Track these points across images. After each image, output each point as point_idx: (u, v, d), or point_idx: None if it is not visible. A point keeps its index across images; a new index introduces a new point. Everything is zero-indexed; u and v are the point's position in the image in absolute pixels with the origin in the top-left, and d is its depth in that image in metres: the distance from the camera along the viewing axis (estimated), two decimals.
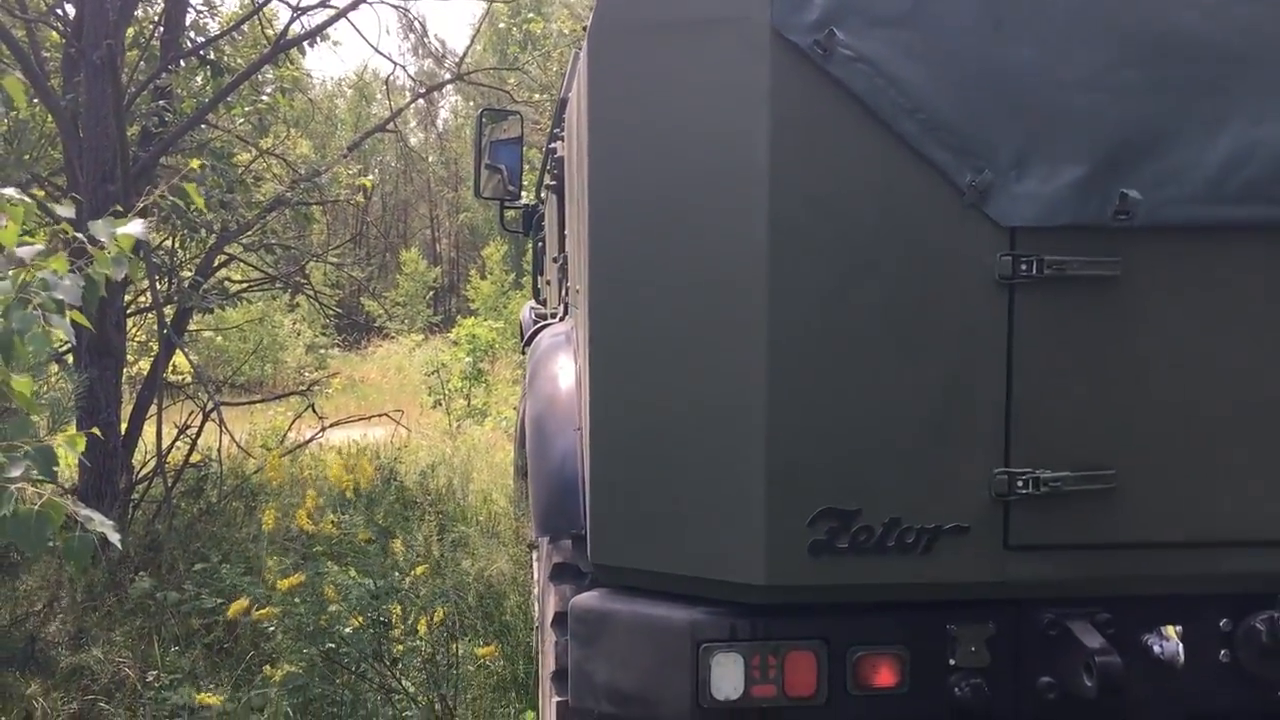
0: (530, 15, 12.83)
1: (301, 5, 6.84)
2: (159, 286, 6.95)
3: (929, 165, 2.36)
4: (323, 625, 4.03)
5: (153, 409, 6.79)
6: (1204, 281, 2.45)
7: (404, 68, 9.67)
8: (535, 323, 4.85)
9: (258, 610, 4.08)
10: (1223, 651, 2.56)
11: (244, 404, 8.00)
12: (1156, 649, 2.51)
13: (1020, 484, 2.42)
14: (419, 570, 5.31)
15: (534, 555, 5.55)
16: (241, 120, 6.83)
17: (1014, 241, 2.39)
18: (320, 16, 7.36)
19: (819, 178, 2.35)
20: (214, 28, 7.63)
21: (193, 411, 7.47)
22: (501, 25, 16.33)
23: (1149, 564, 2.50)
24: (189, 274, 7.45)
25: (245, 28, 8.05)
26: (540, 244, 6.15)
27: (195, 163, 3.99)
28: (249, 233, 7.67)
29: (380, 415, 8.77)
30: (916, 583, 2.45)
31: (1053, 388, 2.42)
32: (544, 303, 5.86)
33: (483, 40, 28.42)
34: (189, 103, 7.30)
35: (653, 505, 2.50)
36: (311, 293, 9.08)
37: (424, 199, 46.15)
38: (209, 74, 7.46)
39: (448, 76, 10.30)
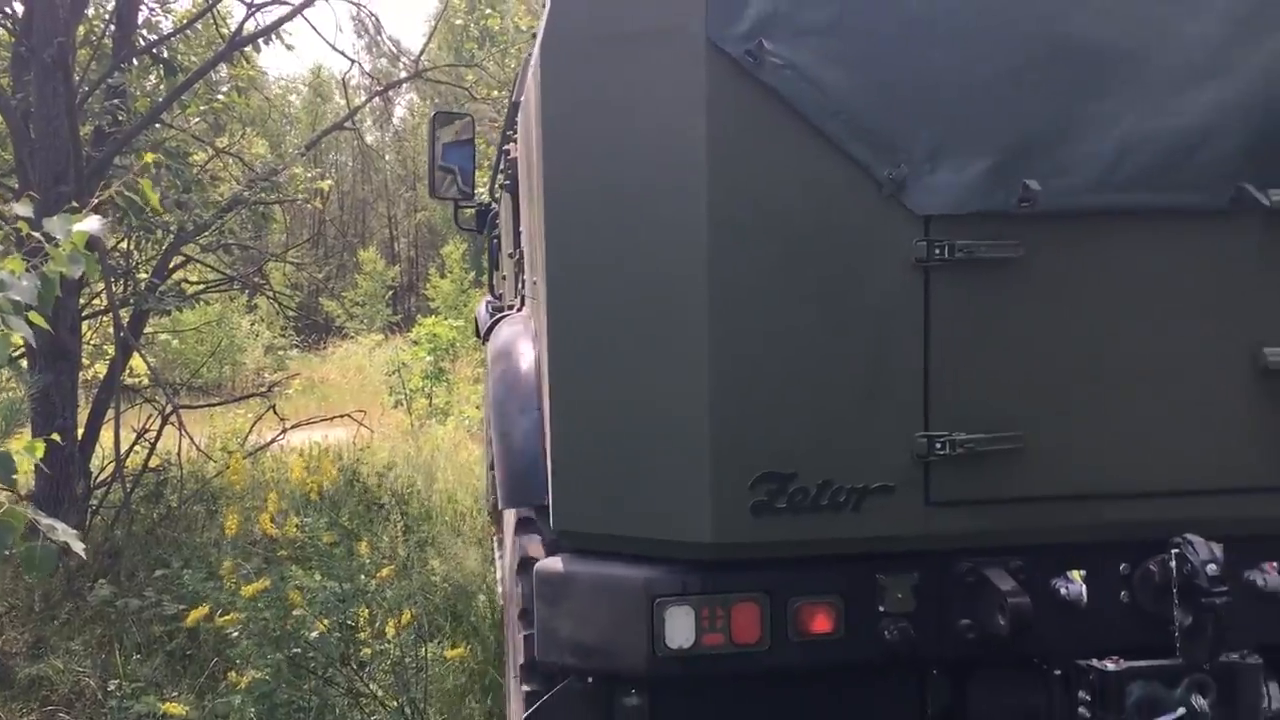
0: (488, 11, 12.75)
1: (256, 2, 6.75)
2: (115, 289, 6.84)
3: (851, 161, 2.59)
4: (288, 630, 3.97)
5: (110, 413, 6.68)
6: (1098, 261, 2.70)
7: (360, 65, 9.50)
8: (491, 317, 5.06)
9: (221, 617, 4.00)
10: (1123, 592, 2.82)
11: (203, 407, 7.89)
12: (1063, 591, 2.76)
13: (938, 446, 2.66)
14: (385, 572, 5.26)
15: (495, 541, 5.89)
16: (196, 119, 6.73)
17: (928, 228, 2.62)
18: (275, 14, 7.27)
19: (753, 174, 2.57)
20: (167, 26, 7.51)
21: (151, 415, 7.36)
22: (459, 22, 16.21)
23: (1055, 515, 2.75)
24: (145, 276, 7.34)
25: (199, 26, 7.94)
26: (495, 241, 6.41)
27: (149, 157, 3.91)
28: (206, 233, 7.57)
29: (342, 416, 8.69)
30: (848, 537, 2.68)
31: (965, 359, 2.67)
32: (500, 297, 6.10)
33: (439, 38, 28.27)
34: (143, 102, 7.19)
35: (609, 475, 2.71)
36: (270, 294, 8.96)
37: (381, 198, 45.85)
38: (162, 73, 7.35)
39: (404, 74, 10.19)
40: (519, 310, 4.20)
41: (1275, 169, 2.71)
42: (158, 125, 7.36)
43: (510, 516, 3.43)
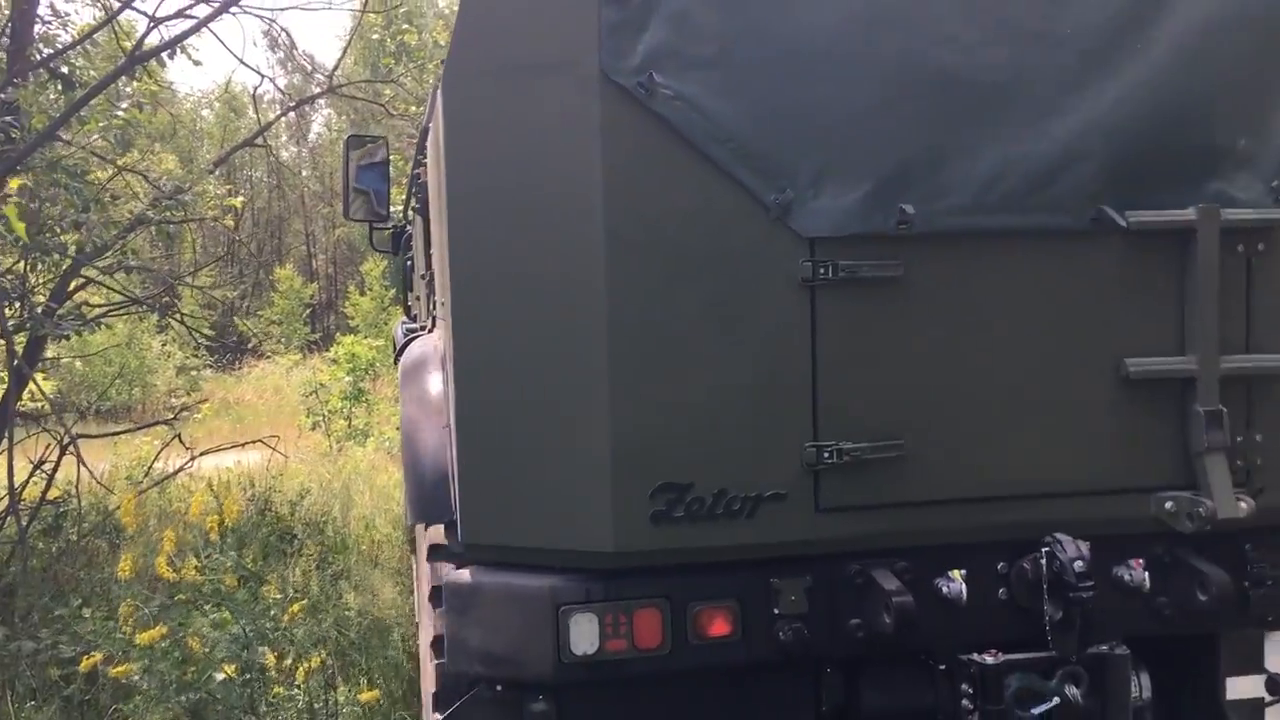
0: (404, 26, 12.54)
1: (158, 15, 6.50)
2: (8, 313, 6.52)
3: (739, 186, 2.73)
4: (187, 680, 3.76)
5: (3, 444, 6.35)
6: (971, 279, 2.87)
7: (273, 80, 9.26)
8: (406, 336, 5.13)
9: (115, 667, 3.76)
10: (1000, 590, 2.97)
11: (104, 436, 7.56)
12: (945, 589, 2.90)
13: (826, 455, 2.79)
14: (295, 609, 5.06)
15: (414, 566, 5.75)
16: (97, 136, 6.45)
17: (813, 249, 2.77)
18: (181, 28, 7.02)
19: (647, 198, 2.70)
20: (66, 39, 7.21)
21: (49, 445, 7.03)
22: (375, 37, 15.95)
23: (936, 518, 2.89)
24: (42, 299, 7.02)
25: (101, 40, 7.64)
26: (409, 262, 6.43)
27: (14, 183, 3.69)
28: (107, 254, 7.27)
29: (254, 441, 8.40)
30: (743, 544, 2.80)
31: (850, 372, 2.81)
32: (415, 318, 6.09)
33: (355, 53, 27.86)
34: (40, 119, 6.88)
35: (513, 489, 2.79)
36: (178, 316, 8.64)
37: (298, 214, 45.08)
38: (60, 88, 7.05)
39: (318, 90, 9.96)
40: (430, 331, 4.24)
41: (1132, 193, 2.89)
42: (57, 143, 7.05)
43: (422, 535, 3.48)
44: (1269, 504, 3.00)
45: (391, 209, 6.36)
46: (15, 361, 6.21)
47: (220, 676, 3.81)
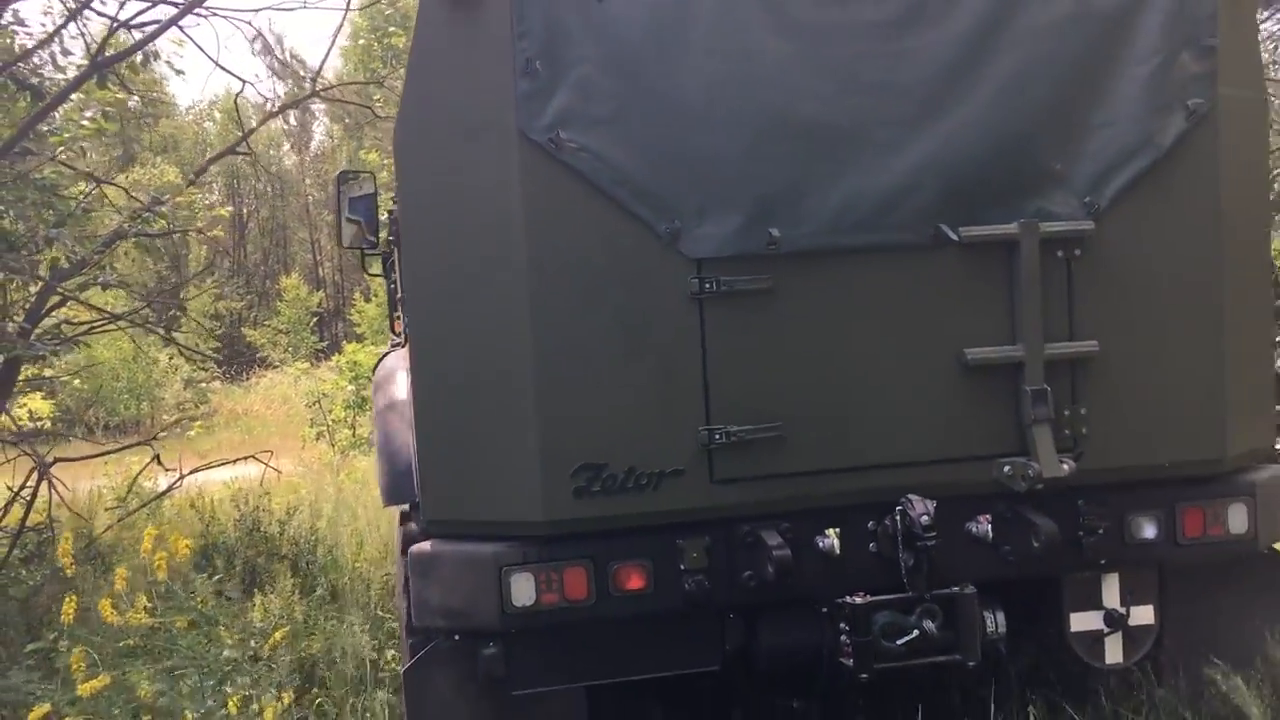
0: (393, 29, 12.28)
1: (121, 18, 6.24)
2: None
3: (637, 219, 3.35)
4: None
5: None
6: (832, 288, 3.46)
7: (253, 84, 9.00)
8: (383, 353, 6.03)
9: None
10: (871, 544, 3.55)
11: (84, 459, 7.31)
12: (821, 545, 3.49)
13: (717, 436, 3.40)
14: (278, 636, 4.80)
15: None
16: (62, 149, 6.21)
17: (700, 269, 3.38)
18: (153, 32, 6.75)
19: (561, 232, 3.33)
20: (29, 47, 6.96)
21: (32, 468, 6.78)
22: (361, 42, 15.73)
23: (812, 486, 3.49)
24: (17, 320, 6.78)
25: (77, 49, 7.40)
26: (393, 285, 7.14)
27: None
28: (85, 271, 7.03)
29: (247, 457, 8.14)
30: (651, 512, 3.41)
31: (735, 368, 3.42)
32: (401, 336, 6.45)
33: (352, 58, 27.65)
34: (7, 131, 6.64)
35: (462, 474, 3.42)
36: (163, 331, 8.39)
37: (303, 223, 44.93)
38: (29, 99, 6.81)
39: (310, 94, 9.72)
40: (404, 347, 4.88)
41: (963, 213, 3.48)
42: (29, 157, 6.80)
43: (395, 513, 4.22)
44: (1094, 465, 3.57)
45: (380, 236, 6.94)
46: None
47: None
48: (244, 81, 8.29)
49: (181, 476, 7.56)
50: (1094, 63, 3.58)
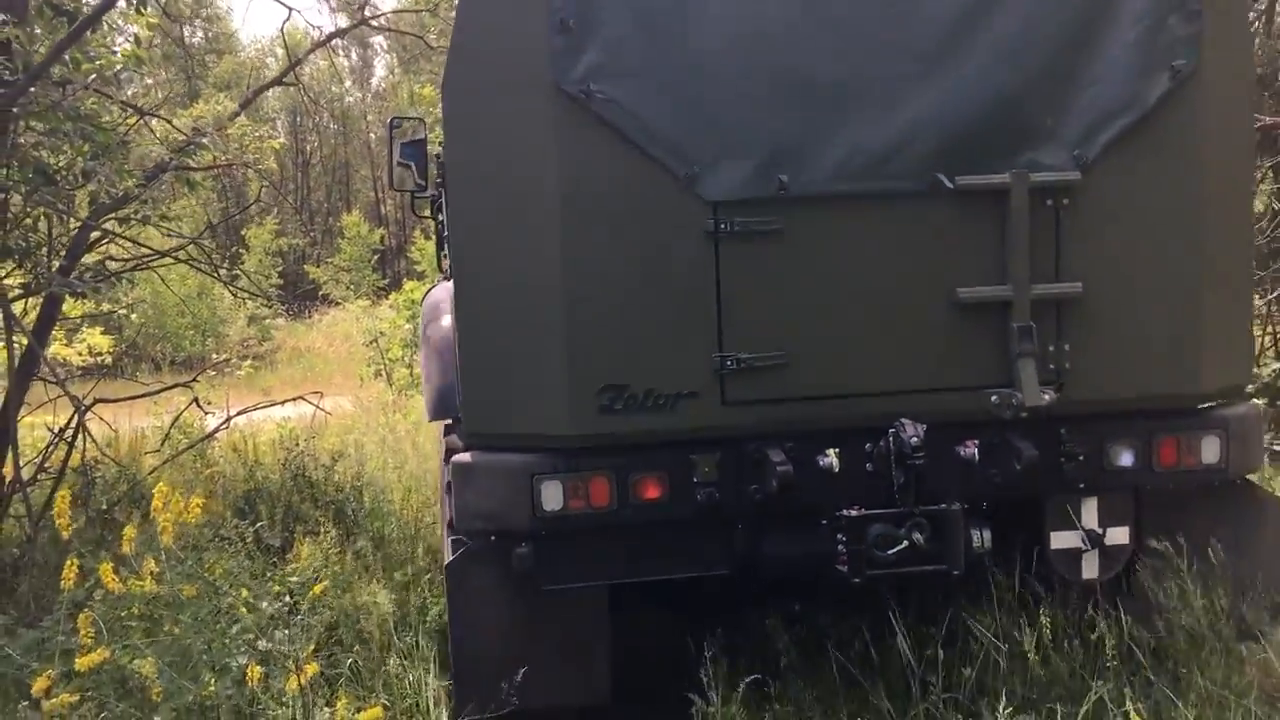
0: None
1: None
2: (17, 277, 6.08)
3: (659, 165, 3.68)
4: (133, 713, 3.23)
5: (21, 414, 5.94)
6: (836, 230, 3.79)
7: (300, 14, 8.66)
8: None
9: (50, 699, 3.21)
10: (867, 464, 3.85)
11: (124, 400, 7.13)
12: (822, 463, 3.82)
13: (729, 363, 3.75)
14: (318, 590, 4.56)
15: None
16: (94, 77, 5.93)
17: (715, 210, 3.71)
18: None
19: (591, 175, 3.67)
20: None
21: (74, 411, 6.61)
22: None
23: (815, 410, 3.83)
24: (60, 256, 6.56)
25: None
26: (441, 225, 7.47)
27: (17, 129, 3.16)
28: (130, 206, 6.78)
29: (296, 398, 7.93)
30: (668, 429, 3.77)
31: (746, 302, 3.75)
32: (449, 275, 6.99)
33: None
34: (41, 58, 6.37)
35: (499, 392, 3.79)
36: (208, 268, 8.17)
37: (364, 160, 44.81)
38: (67, 24, 6.52)
39: (371, 26, 9.38)
40: (446, 279, 5.43)
41: (959, 163, 3.78)
42: (71, 85, 6.52)
43: (439, 426, 4.80)
44: (1075, 397, 3.90)
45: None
46: (15, 330, 5.74)
47: (190, 698, 3.27)
48: (290, 9, 7.93)
49: (229, 418, 7.37)
50: (1085, 25, 3.87)
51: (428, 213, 8.01)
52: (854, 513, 3.79)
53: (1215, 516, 4.17)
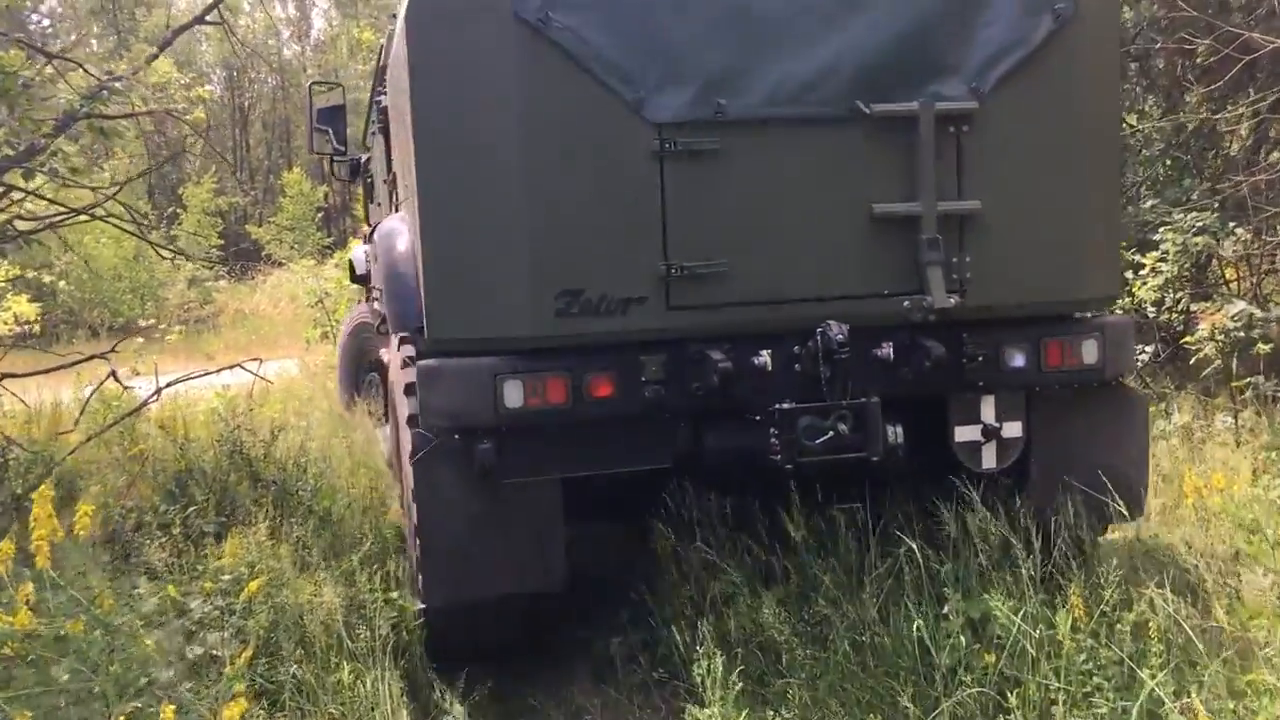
0: None
1: None
2: None
3: (608, 89, 4.08)
4: None
5: None
6: (768, 150, 4.23)
7: None
8: (366, 262, 6.98)
9: None
10: (795, 365, 4.28)
11: (32, 375, 6.50)
12: (756, 362, 4.21)
13: (673, 270, 4.14)
14: (253, 587, 4.05)
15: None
16: None
17: (660, 131, 4.13)
18: None
19: (549, 97, 4.07)
20: None
21: None
22: None
23: (750, 314, 4.23)
24: None
25: None
26: (369, 182, 7.94)
27: None
28: (38, 158, 6.14)
29: (231, 367, 7.31)
30: (618, 331, 4.14)
31: (688, 213, 4.16)
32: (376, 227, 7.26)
33: None
34: None
35: (462, 301, 4.14)
36: (131, 228, 7.50)
37: (305, 115, 43.39)
38: None
39: None
40: (396, 212, 5.68)
41: (875, 91, 4.24)
42: None
43: (395, 340, 4.90)
44: (975, 302, 4.38)
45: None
46: None
47: None
48: None
49: (158, 390, 6.76)
50: None
51: (346, 176, 8.38)
52: (785, 406, 4.20)
53: (1093, 413, 4.74)
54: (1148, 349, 8.33)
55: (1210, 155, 9.27)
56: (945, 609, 4.03)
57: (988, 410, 4.60)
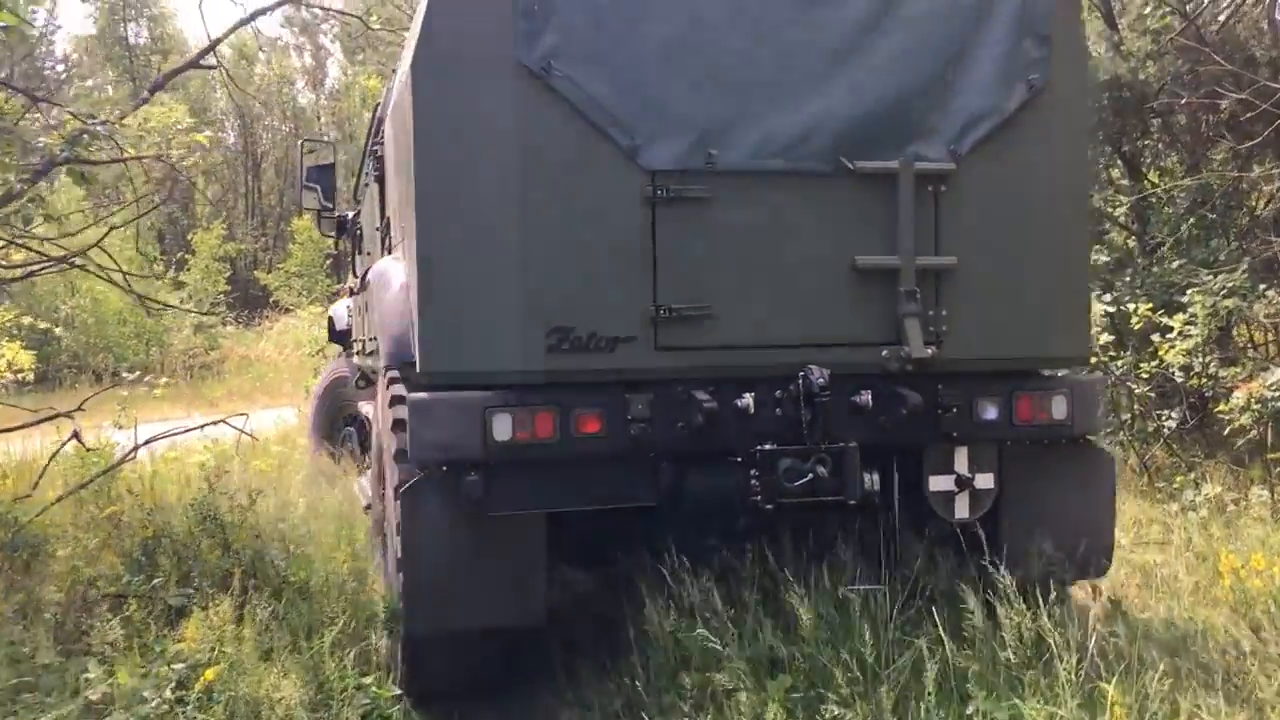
0: None
1: None
2: None
3: (606, 136, 4.31)
4: None
5: None
6: (756, 201, 4.47)
7: None
8: (349, 318, 7.63)
9: None
10: (777, 408, 4.45)
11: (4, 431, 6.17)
12: (740, 404, 4.38)
13: (662, 312, 4.36)
14: (209, 675, 3.68)
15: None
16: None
17: (654, 178, 4.36)
18: None
19: (548, 142, 4.28)
20: None
21: None
22: None
23: (735, 358, 4.47)
24: None
25: None
26: (359, 234, 8.00)
27: None
28: (11, 205, 5.87)
29: (217, 421, 7.00)
30: (607, 369, 4.35)
31: (678, 259, 4.39)
32: (360, 287, 7.40)
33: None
34: None
35: (455, 333, 4.27)
36: (119, 278, 7.20)
37: (296, 172, 43.37)
38: None
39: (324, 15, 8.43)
40: (389, 254, 5.78)
41: (859, 149, 4.50)
42: None
43: (383, 378, 5.10)
44: (950, 355, 4.56)
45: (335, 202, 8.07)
46: None
47: None
48: None
49: (135, 448, 6.44)
50: (960, 43, 4.62)
51: (332, 232, 8.55)
52: (767, 448, 4.34)
53: (1062, 468, 4.86)
54: (1173, 414, 8.01)
55: (1238, 214, 8.98)
56: (970, 709, 3.76)
57: (961, 461, 4.73)
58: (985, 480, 4.74)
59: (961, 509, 4.75)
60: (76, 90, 36.17)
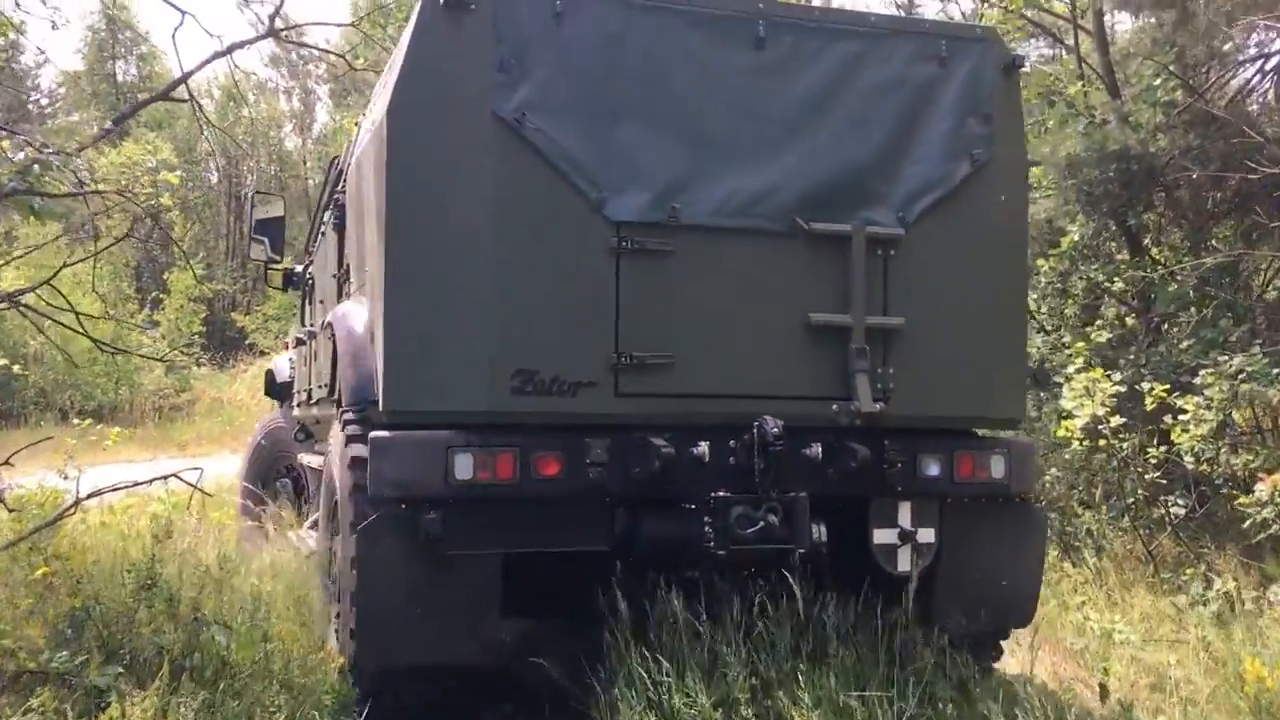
0: None
1: None
2: None
3: (574, 188, 4.52)
4: None
5: None
6: (716, 256, 4.69)
7: (195, 17, 7.38)
8: (290, 370, 8.25)
9: None
10: (731, 457, 4.65)
11: None
12: (695, 452, 4.57)
13: (623, 359, 4.53)
14: None
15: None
16: None
17: (619, 230, 4.57)
18: None
19: (518, 190, 4.48)
20: None
21: None
22: None
23: (692, 406, 4.65)
24: None
25: None
26: (310, 285, 8.01)
27: None
28: None
29: (166, 477, 6.49)
30: (568, 413, 4.50)
31: (640, 308, 4.57)
32: (307, 336, 7.56)
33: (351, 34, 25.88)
34: None
35: (420, 373, 4.41)
36: (43, 315, 6.71)
37: (302, 207, 43.14)
38: None
39: (261, 35, 8.13)
40: (349, 298, 5.72)
41: (814, 211, 4.78)
42: None
43: (338, 420, 5.10)
44: (897, 411, 4.85)
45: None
46: None
47: None
48: (183, 13, 6.70)
49: (77, 501, 5.93)
50: (908, 117, 4.92)
51: (278, 284, 8.64)
52: (720, 495, 4.48)
53: (998, 526, 5.06)
54: (1181, 502, 7.63)
55: (1244, 294, 8.69)
56: None
57: (905, 515, 4.92)
58: (927, 535, 4.94)
59: (904, 562, 4.92)
60: (61, 125, 35.90)
